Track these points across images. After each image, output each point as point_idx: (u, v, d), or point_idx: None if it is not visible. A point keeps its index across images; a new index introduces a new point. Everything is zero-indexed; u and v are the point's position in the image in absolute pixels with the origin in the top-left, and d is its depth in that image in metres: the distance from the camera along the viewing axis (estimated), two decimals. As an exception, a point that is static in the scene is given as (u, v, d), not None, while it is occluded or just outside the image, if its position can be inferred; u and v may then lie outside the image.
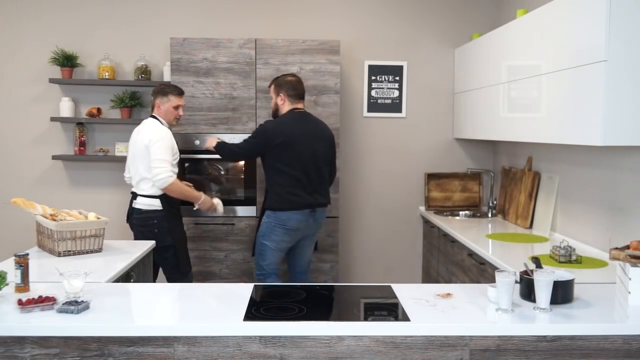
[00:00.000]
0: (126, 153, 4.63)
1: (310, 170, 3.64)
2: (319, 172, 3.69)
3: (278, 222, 3.61)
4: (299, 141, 3.60)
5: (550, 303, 2.11)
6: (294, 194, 3.60)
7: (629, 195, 2.90)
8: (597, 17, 2.57)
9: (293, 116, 3.69)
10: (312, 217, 3.68)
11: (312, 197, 3.65)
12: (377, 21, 4.79)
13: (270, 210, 3.64)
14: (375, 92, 4.80)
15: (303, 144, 3.61)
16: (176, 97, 3.67)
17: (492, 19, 4.76)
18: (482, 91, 4.15)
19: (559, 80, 2.96)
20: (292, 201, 3.59)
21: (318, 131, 3.73)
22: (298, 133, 3.62)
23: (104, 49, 4.67)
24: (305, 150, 3.62)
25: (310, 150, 3.64)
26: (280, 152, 3.57)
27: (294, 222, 3.61)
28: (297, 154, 3.59)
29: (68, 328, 1.98)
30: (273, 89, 3.77)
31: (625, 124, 2.55)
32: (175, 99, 3.66)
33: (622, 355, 2.03)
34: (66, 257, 2.94)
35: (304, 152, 3.61)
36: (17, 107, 4.70)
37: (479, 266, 3.31)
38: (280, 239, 3.64)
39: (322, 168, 3.71)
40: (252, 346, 2.00)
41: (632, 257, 2.18)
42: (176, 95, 3.67)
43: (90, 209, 3.41)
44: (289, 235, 3.65)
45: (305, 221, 3.65)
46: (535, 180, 3.88)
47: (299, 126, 3.67)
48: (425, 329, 2.01)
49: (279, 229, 3.61)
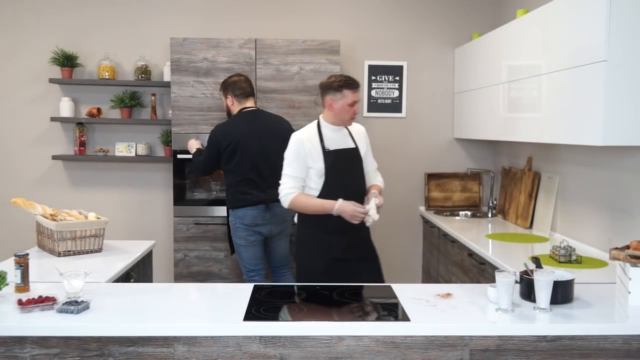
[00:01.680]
0: (126, 153, 4.65)
1: (262, 168, 3.66)
2: (272, 168, 3.51)
3: (238, 219, 3.69)
4: (247, 140, 3.66)
5: (550, 303, 2.11)
6: (246, 193, 3.67)
7: (629, 195, 2.90)
8: (597, 17, 2.57)
9: (242, 116, 3.76)
10: (269, 212, 3.70)
11: (264, 193, 3.65)
12: (377, 21, 4.79)
13: (230, 209, 3.75)
14: (375, 92, 4.80)
15: (251, 143, 3.66)
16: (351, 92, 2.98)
17: (492, 19, 4.76)
18: (482, 91, 4.15)
19: (559, 80, 2.96)
20: (245, 199, 3.68)
21: (269, 127, 3.73)
22: (246, 133, 3.67)
23: (104, 49, 4.67)
24: (253, 148, 3.66)
25: (259, 148, 3.66)
26: (229, 155, 3.66)
27: (250, 218, 3.68)
28: (245, 154, 3.65)
29: (68, 328, 1.98)
30: (222, 92, 3.86)
31: (625, 124, 2.55)
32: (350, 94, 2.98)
33: (622, 355, 2.03)
34: (66, 257, 2.94)
35: (252, 151, 3.66)
36: (17, 107, 4.70)
37: (479, 266, 3.31)
38: (244, 234, 3.70)
39: (276, 163, 3.43)
40: (252, 346, 2.00)
41: (632, 257, 2.18)
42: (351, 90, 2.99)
43: (90, 209, 3.41)
44: (251, 230, 3.70)
45: (262, 217, 3.69)
46: (535, 180, 3.87)
47: (248, 125, 3.70)
48: (425, 329, 2.01)
49: (240, 225, 3.70)
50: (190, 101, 4.23)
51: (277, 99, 4.26)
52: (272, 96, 4.26)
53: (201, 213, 4.30)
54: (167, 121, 4.53)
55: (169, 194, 4.67)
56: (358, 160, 3.02)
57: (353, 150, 3.01)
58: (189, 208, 4.31)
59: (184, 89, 4.23)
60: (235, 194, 3.71)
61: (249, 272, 3.76)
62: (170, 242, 4.62)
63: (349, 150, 3.00)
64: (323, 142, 2.92)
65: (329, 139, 2.95)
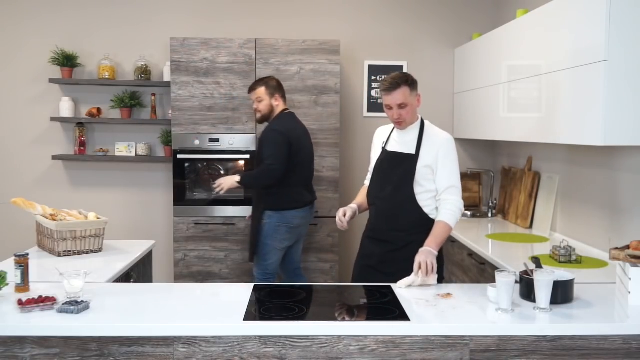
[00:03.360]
0: (126, 153, 4.65)
1: (311, 168, 3.84)
2: (313, 169, 3.90)
3: (283, 221, 3.65)
4: (303, 140, 3.75)
5: (550, 303, 2.11)
6: (300, 193, 3.70)
7: (629, 195, 2.90)
8: (597, 17, 2.57)
9: (290, 116, 3.79)
10: (310, 212, 3.80)
11: (310, 194, 3.82)
12: (377, 21, 4.79)
13: (273, 210, 3.65)
14: (375, 92, 4.80)
15: (305, 143, 3.77)
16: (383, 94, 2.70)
17: (492, 19, 4.76)
18: (482, 91, 4.15)
19: (559, 80, 2.96)
20: (298, 200, 3.69)
21: (306, 129, 3.87)
22: (301, 132, 3.76)
23: (104, 49, 4.67)
24: (307, 148, 3.78)
25: (310, 149, 3.82)
26: (294, 154, 3.64)
27: (298, 219, 3.69)
28: (303, 153, 3.72)
29: (68, 328, 1.98)
30: (264, 92, 3.71)
31: (625, 124, 2.55)
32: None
33: (622, 355, 2.03)
34: (66, 257, 2.94)
35: (306, 151, 3.76)
36: (17, 107, 4.70)
37: (479, 266, 3.31)
38: (283, 237, 3.68)
39: (313, 164, 3.91)
40: (252, 346, 2.00)
41: (632, 257, 2.18)
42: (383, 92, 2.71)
43: (90, 209, 3.41)
44: (292, 233, 3.72)
45: (306, 218, 3.76)
46: (535, 180, 3.87)
47: (299, 125, 3.80)
48: (425, 329, 2.01)
49: (283, 227, 3.66)
50: (190, 101, 4.23)
51: (277, 99, 4.26)
52: (272, 96, 4.25)
53: (201, 213, 4.30)
54: (167, 121, 4.53)
55: (169, 194, 4.67)
56: (408, 167, 2.65)
57: (406, 156, 2.67)
58: (189, 208, 4.30)
59: (184, 89, 4.23)
60: (291, 194, 3.65)
61: (268, 276, 3.70)
62: (170, 242, 4.62)
63: (400, 155, 2.69)
64: (387, 140, 2.79)
65: (393, 139, 2.76)
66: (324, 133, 4.27)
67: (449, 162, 2.61)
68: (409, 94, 2.61)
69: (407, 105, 2.61)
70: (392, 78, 2.63)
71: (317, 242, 4.29)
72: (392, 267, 2.61)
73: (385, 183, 2.68)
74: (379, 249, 2.68)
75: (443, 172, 2.60)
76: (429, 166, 2.61)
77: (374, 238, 2.73)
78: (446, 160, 2.61)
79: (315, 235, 4.27)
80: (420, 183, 2.62)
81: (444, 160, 2.60)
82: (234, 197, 4.33)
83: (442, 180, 2.60)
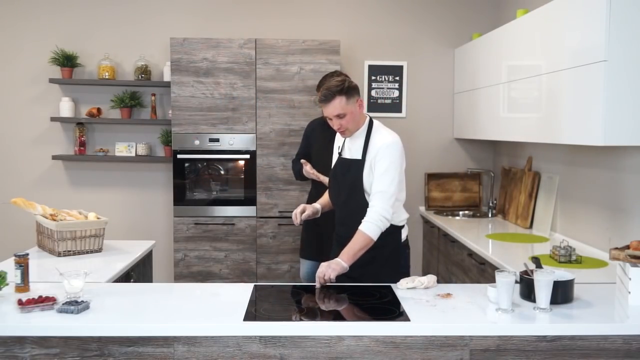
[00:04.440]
0: (126, 153, 4.65)
1: None
2: None
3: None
4: None
5: (550, 303, 2.11)
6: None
7: (629, 195, 2.90)
8: (597, 17, 2.57)
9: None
10: None
11: None
12: (377, 21, 4.79)
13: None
14: (375, 92, 4.80)
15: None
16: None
17: (492, 19, 4.76)
18: (482, 91, 4.15)
19: (559, 80, 2.96)
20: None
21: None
22: None
23: (104, 49, 4.67)
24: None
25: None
26: None
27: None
28: None
29: (68, 328, 1.98)
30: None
31: (625, 124, 2.55)
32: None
33: (622, 355, 2.03)
34: (66, 257, 2.94)
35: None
36: (17, 107, 4.70)
37: (479, 266, 3.31)
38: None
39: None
40: (252, 346, 2.00)
41: (632, 257, 2.18)
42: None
43: (90, 209, 3.41)
44: None
45: None
46: (535, 180, 3.87)
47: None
48: (425, 329, 2.01)
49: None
50: (190, 101, 4.23)
51: (277, 99, 4.26)
52: (272, 96, 4.25)
53: (201, 213, 4.30)
54: (167, 121, 4.53)
55: (169, 194, 4.67)
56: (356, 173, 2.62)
57: (353, 161, 2.65)
58: (189, 208, 4.30)
59: (184, 89, 4.23)
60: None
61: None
62: (170, 242, 4.62)
63: (348, 161, 2.67)
64: (342, 146, 2.75)
65: (345, 145, 2.73)
66: (324, 133, 4.27)
67: (381, 166, 2.54)
68: (345, 103, 2.53)
69: (345, 114, 2.54)
70: (326, 89, 2.54)
71: (317, 242, 4.28)
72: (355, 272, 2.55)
73: (340, 189, 2.71)
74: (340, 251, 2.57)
75: (377, 176, 2.54)
76: (372, 171, 2.58)
77: (338, 241, 2.77)
78: (379, 165, 2.54)
79: (315, 235, 4.26)
80: (371, 188, 2.57)
81: (377, 164, 2.55)
82: (234, 197, 4.34)
83: (373, 185, 2.55)
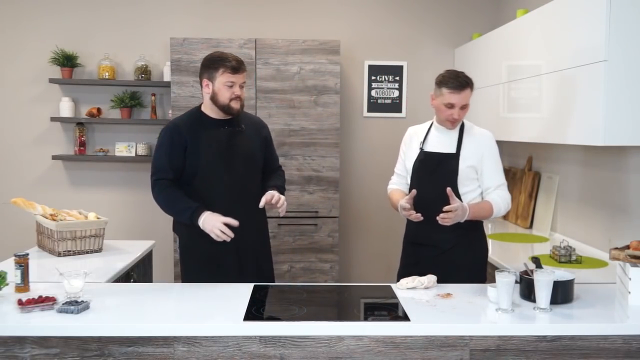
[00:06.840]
0: (126, 153, 4.64)
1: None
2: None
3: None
4: None
5: (550, 303, 2.11)
6: None
7: (629, 195, 2.90)
8: (597, 17, 2.57)
9: None
10: None
11: None
12: (377, 21, 4.79)
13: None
14: (375, 92, 4.80)
15: None
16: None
17: (492, 19, 4.76)
18: (482, 91, 4.15)
19: (559, 80, 2.96)
20: None
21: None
22: None
23: (104, 49, 4.67)
24: None
25: None
26: None
27: None
28: None
29: (68, 328, 1.98)
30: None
31: (625, 124, 2.55)
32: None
33: (622, 355, 2.03)
34: (66, 257, 2.94)
35: None
36: (17, 107, 4.70)
37: (479, 266, 3.31)
38: None
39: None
40: (252, 346, 2.00)
41: (632, 257, 2.18)
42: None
43: (90, 209, 3.41)
44: None
45: None
46: (535, 180, 3.87)
47: None
48: (425, 329, 2.01)
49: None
50: (190, 101, 4.23)
51: (277, 99, 4.26)
52: (272, 96, 4.25)
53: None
54: (167, 121, 4.52)
55: (169, 194, 4.66)
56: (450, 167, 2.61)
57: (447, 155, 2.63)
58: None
59: (184, 89, 4.23)
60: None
61: None
62: (170, 242, 4.62)
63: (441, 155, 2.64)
64: (424, 141, 2.69)
65: (431, 139, 2.68)
66: (324, 133, 4.27)
67: (495, 160, 2.65)
68: (470, 95, 2.65)
69: (467, 106, 2.62)
70: (462, 77, 2.62)
71: (317, 242, 4.29)
72: (440, 272, 2.50)
73: (431, 183, 2.61)
74: (424, 253, 2.60)
75: (491, 171, 2.63)
76: (473, 166, 2.60)
77: (418, 243, 2.66)
78: (492, 159, 2.64)
79: (315, 235, 4.27)
80: (463, 183, 2.60)
81: (489, 159, 2.63)
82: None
83: (492, 180, 2.63)
